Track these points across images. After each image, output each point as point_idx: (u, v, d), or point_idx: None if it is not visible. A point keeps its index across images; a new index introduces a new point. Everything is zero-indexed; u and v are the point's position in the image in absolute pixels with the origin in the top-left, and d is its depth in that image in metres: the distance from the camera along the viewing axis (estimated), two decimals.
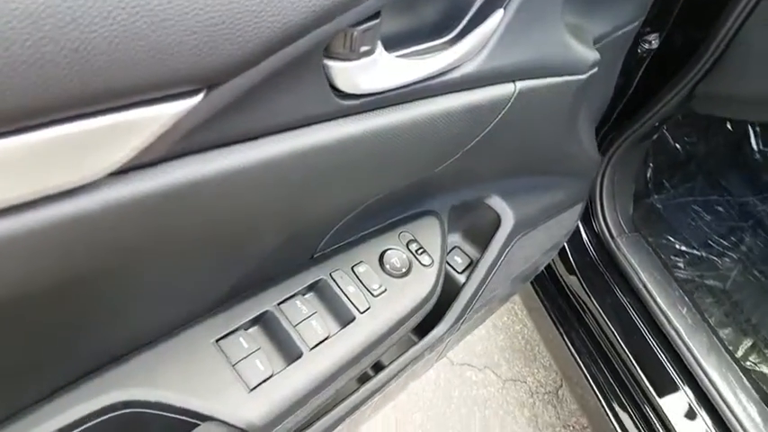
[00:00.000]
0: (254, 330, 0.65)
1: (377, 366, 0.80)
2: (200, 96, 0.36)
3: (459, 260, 0.92)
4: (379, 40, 0.48)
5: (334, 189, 0.58)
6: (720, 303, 1.63)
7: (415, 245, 0.80)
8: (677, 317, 1.31)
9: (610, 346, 1.36)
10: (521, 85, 0.67)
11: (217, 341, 0.61)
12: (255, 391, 0.60)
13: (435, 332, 0.85)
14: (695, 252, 1.74)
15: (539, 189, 1.01)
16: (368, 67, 0.48)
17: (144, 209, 0.40)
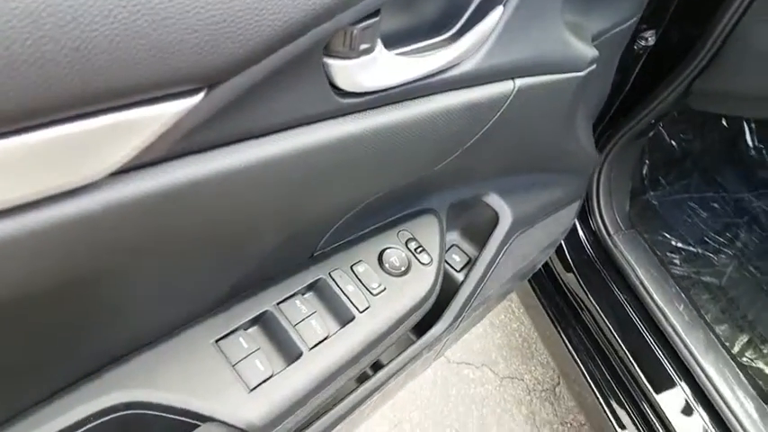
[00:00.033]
0: (253, 330, 0.64)
1: (376, 366, 0.80)
2: (200, 95, 0.36)
3: (458, 258, 0.92)
4: (378, 37, 0.48)
5: (334, 188, 0.58)
6: (717, 300, 1.63)
7: (413, 243, 0.80)
8: (674, 313, 1.32)
9: (607, 343, 1.36)
10: (520, 82, 0.67)
11: (216, 341, 0.61)
12: (255, 392, 0.59)
13: (434, 331, 0.85)
14: (691, 249, 1.74)
15: (537, 187, 1.01)
16: (367, 65, 0.48)
17: (145, 209, 0.39)
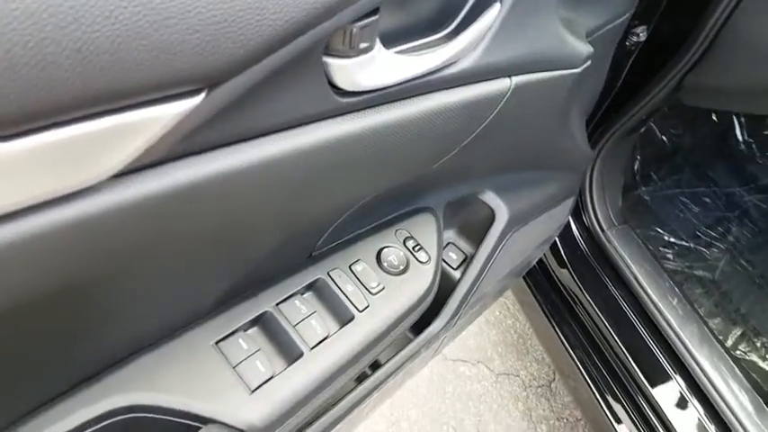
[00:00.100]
0: (253, 331, 0.64)
1: (374, 365, 0.80)
2: (201, 96, 0.36)
3: (454, 256, 0.92)
4: (377, 36, 0.48)
5: (333, 187, 0.58)
6: (710, 294, 1.65)
7: (411, 242, 0.80)
8: (668, 308, 1.32)
9: (602, 338, 1.37)
10: (517, 79, 0.67)
11: (217, 343, 0.60)
12: (257, 393, 0.59)
13: (431, 329, 0.85)
14: (684, 243, 1.76)
15: (532, 184, 1.01)
16: (366, 63, 0.47)
17: (145, 211, 0.39)
